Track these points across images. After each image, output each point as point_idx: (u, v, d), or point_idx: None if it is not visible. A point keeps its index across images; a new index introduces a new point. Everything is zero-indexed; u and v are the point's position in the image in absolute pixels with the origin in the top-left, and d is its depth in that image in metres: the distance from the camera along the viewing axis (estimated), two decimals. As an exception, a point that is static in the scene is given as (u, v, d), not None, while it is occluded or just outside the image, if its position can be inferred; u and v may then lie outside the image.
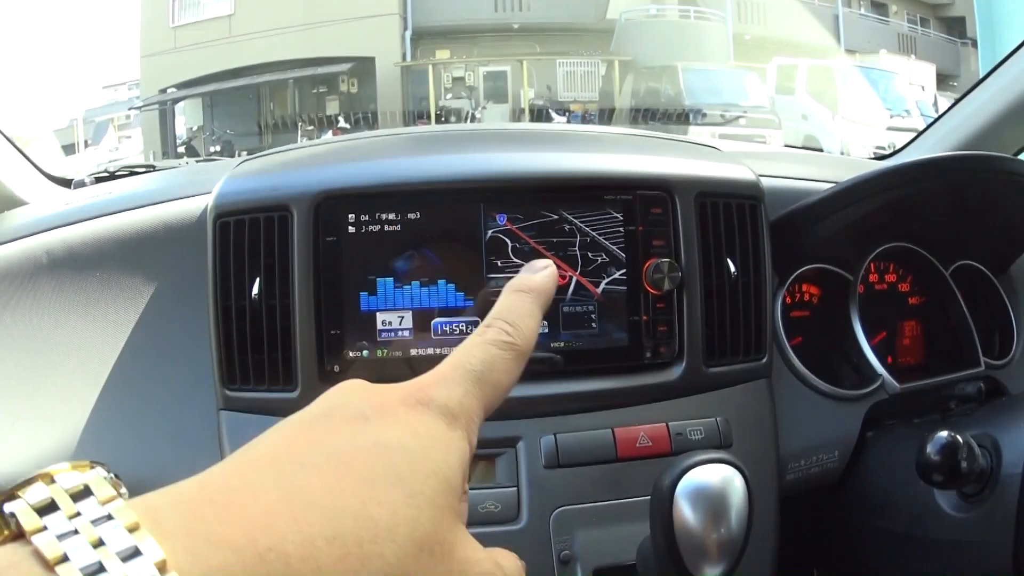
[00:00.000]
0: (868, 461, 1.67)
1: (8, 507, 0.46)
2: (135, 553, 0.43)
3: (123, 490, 0.49)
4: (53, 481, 0.48)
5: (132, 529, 0.44)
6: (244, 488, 0.50)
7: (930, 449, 1.29)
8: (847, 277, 1.76)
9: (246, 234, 1.48)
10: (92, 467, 0.50)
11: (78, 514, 0.46)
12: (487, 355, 0.69)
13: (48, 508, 0.46)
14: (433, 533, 0.55)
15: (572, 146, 1.85)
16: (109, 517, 0.45)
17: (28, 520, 0.44)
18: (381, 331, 1.47)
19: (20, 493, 0.46)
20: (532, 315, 0.73)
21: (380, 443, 0.57)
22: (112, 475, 0.50)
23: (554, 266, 0.77)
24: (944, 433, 1.29)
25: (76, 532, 0.44)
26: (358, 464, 0.54)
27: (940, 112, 2.46)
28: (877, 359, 1.71)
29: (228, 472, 0.53)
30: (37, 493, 0.47)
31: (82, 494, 0.47)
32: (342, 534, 0.49)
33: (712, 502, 1.04)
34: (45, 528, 0.44)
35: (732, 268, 1.55)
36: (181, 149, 22.82)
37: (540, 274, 0.76)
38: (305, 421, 0.59)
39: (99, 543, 0.44)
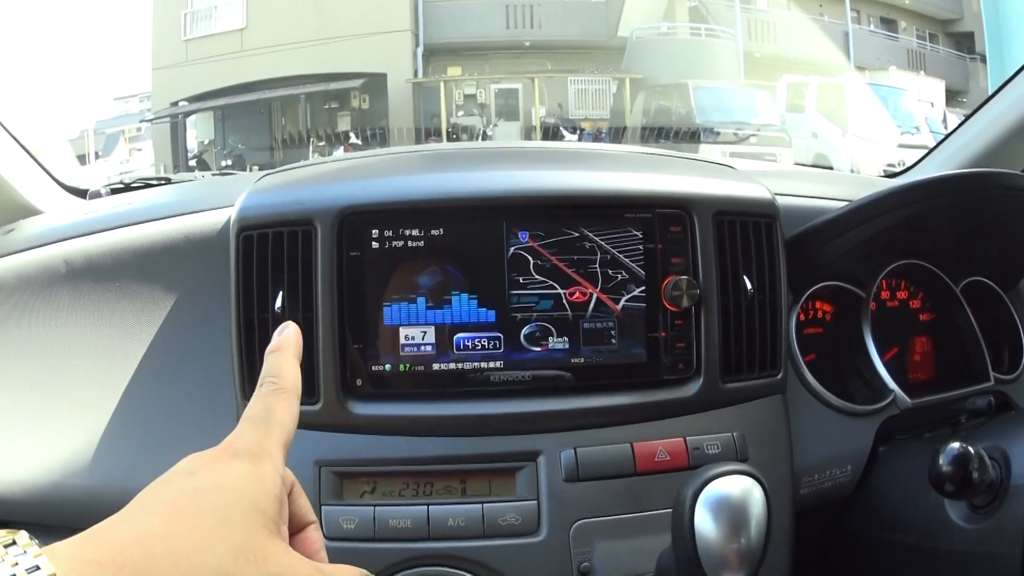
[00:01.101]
0: (880, 475, 1.68)
1: None
2: (36, 568, 0.62)
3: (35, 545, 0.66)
4: None
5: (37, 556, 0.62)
6: (109, 529, 0.69)
7: (942, 460, 1.31)
8: (859, 294, 1.78)
9: (270, 248, 1.49)
10: (18, 532, 0.67)
11: (15, 563, 0.63)
12: (265, 404, 0.84)
13: None
14: (247, 545, 0.70)
15: (592, 164, 1.87)
16: (36, 569, 0.62)
17: None
18: (404, 346, 1.49)
19: None
20: (289, 363, 0.89)
21: (199, 488, 0.73)
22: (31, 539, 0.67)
23: (293, 324, 0.93)
24: (956, 444, 1.31)
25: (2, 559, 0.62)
26: (183, 504, 0.71)
27: (950, 129, 2.47)
28: (889, 375, 1.73)
29: (103, 523, 0.70)
30: None
31: (11, 544, 0.65)
32: (174, 551, 0.66)
33: (733, 512, 1.06)
34: None
35: (748, 285, 1.57)
36: (192, 162, 22.74)
37: (285, 332, 0.92)
38: (151, 485, 0.76)
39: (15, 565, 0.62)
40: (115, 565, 0.65)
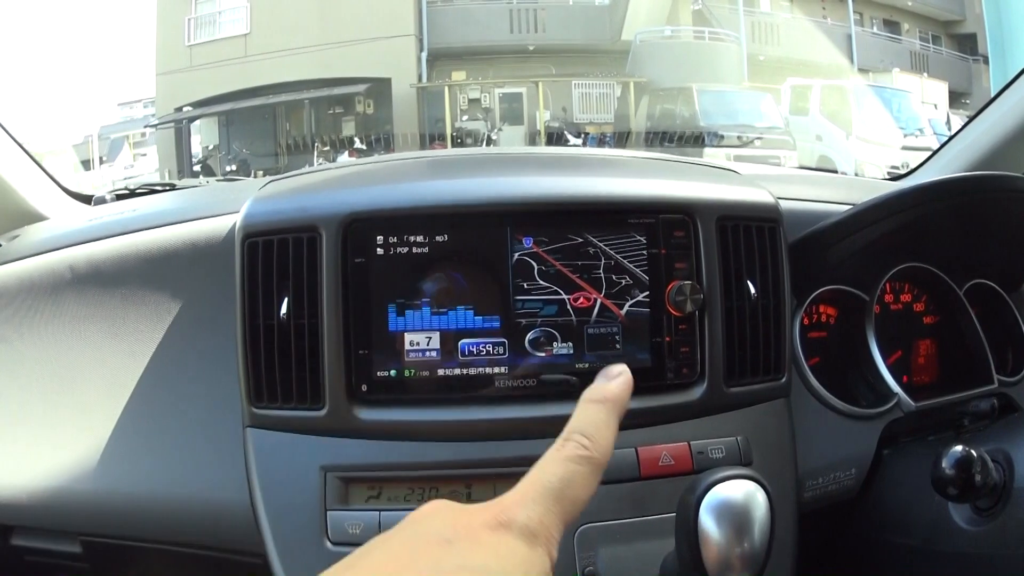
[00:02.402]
0: (884, 478, 1.69)
1: None
2: None
3: None
4: None
5: None
6: None
7: (945, 463, 1.31)
8: (863, 298, 1.78)
9: (275, 254, 1.50)
10: None
11: None
12: (566, 471, 0.73)
13: None
14: None
15: (596, 170, 1.88)
16: None
17: None
18: (409, 351, 1.49)
19: None
20: (608, 426, 0.77)
21: (463, 567, 0.61)
22: None
23: (629, 372, 0.80)
24: (959, 448, 1.32)
25: None
26: None
27: (953, 130, 2.48)
28: (893, 378, 1.73)
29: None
30: None
31: None
32: None
33: (736, 516, 1.06)
34: None
35: (752, 290, 1.57)
36: (197, 168, 22.76)
37: (615, 382, 0.79)
38: (391, 542, 0.63)
39: None
40: None
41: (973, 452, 1.32)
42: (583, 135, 20.84)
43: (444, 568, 0.61)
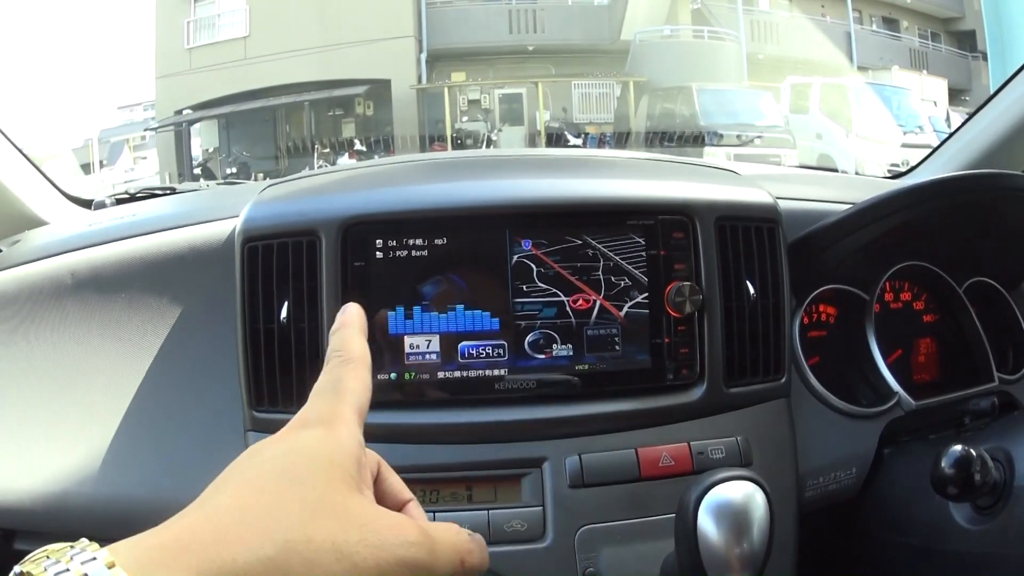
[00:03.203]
0: (885, 477, 1.69)
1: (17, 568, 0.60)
2: (92, 559, 0.60)
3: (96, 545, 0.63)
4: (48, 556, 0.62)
5: (110, 565, 0.59)
6: (177, 519, 0.66)
7: (944, 463, 1.31)
8: (863, 297, 1.78)
9: (274, 258, 1.50)
10: (80, 541, 0.64)
11: (71, 559, 0.61)
12: (333, 375, 0.83)
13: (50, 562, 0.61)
14: (324, 500, 0.68)
15: (595, 172, 1.88)
16: (93, 559, 0.60)
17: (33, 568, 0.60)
18: (409, 354, 1.49)
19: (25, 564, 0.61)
20: (354, 338, 0.87)
21: (268, 459, 0.72)
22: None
23: (355, 304, 0.91)
24: (958, 447, 1.32)
25: (68, 570, 0.59)
26: (254, 475, 0.70)
27: (953, 128, 2.48)
28: (893, 377, 1.73)
29: (171, 519, 0.67)
30: (38, 557, 0.62)
31: (70, 548, 0.62)
32: (245, 520, 0.64)
33: (735, 517, 1.06)
34: (46, 570, 0.59)
35: (751, 290, 1.57)
36: (197, 171, 22.77)
37: (347, 311, 0.90)
38: (227, 468, 0.73)
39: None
40: (179, 545, 0.62)
41: (972, 451, 1.32)
42: (583, 135, 20.84)
43: (255, 463, 0.71)
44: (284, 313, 1.48)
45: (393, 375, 1.49)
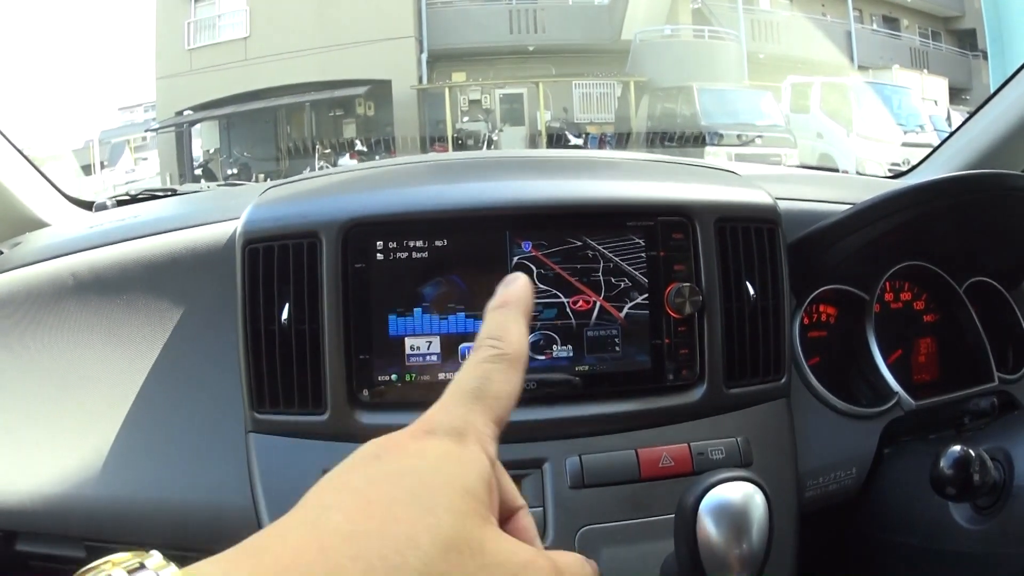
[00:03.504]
0: (885, 477, 1.69)
1: None
2: None
3: (173, 566, 0.58)
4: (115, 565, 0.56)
5: None
6: (274, 538, 0.55)
7: (943, 463, 1.32)
8: (863, 297, 1.79)
9: (275, 260, 1.50)
10: (148, 553, 0.60)
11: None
12: (481, 371, 0.70)
13: None
14: (457, 535, 0.57)
15: (594, 173, 1.88)
16: None
17: None
18: (409, 356, 1.50)
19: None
20: (516, 323, 0.73)
21: (392, 473, 0.60)
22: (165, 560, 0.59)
23: (526, 277, 0.78)
24: (957, 447, 1.32)
25: None
26: (374, 494, 0.58)
27: (953, 127, 2.48)
28: (893, 377, 1.73)
29: (262, 532, 0.56)
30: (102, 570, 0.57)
31: (138, 568, 0.58)
32: (364, 552, 0.53)
33: (734, 518, 1.07)
34: None
35: (751, 291, 1.57)
36: (198, 171, 22.78)
37: (514, 286, 0.76)
38: (330, 474, 0.62)
39: None
40: (284, 573, 0.52)
41: (971, 451, 1.32)
42: (584, 135, 20.84)
43: (374, 478, 0.60)
44: (285, 315, 1.48)
45: (394, 376, 1.50)
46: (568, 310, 1.52)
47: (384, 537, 0.54)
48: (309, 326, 1.48)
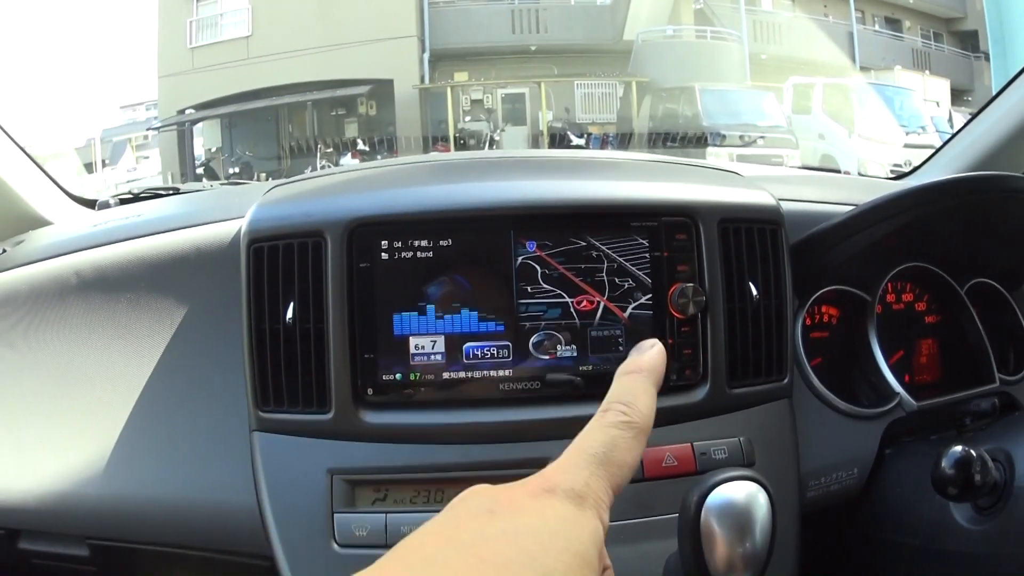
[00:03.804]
0: (886, 477, 1.69)
1: None
2: None
3: None
4: None
5: None
6: None
7: (945, 463, 1.32)
8: (865, 298, 1.79)
9: (280, 259, 1.51)
10: None
11: None
12: (607, 437, 0.72)
13: None
14: None
15: (598, 173, 1.88)
16: None
17: None
18: (414, 355, 1.50)
19: None
20: (647, 393, 0.78)
21: (508, 531, 0.61)
22: None
23: (661, 345, 0.82)
24: (958, 448, 1.32)
25: None
26: (488, 553, 0.58)
27: (955, 128, 2.48)
28: (895, 377, 1.73)
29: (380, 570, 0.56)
30: None
31: None
32: None
33: (738, 517, 1.07)
34: None
35: (754, 292, 1.58)
36: (200, 170, 22.74)
37: (648, 353, 0.80)
38: (433, 524, 0.63)
39: None
40: None
41: (972, 452, 1.32)
42: (586, 135, 20.82)
43: (489, 535, 0.61)
44: (290, 314, 1.49)
45: (398, 376, 1.50)
46: (572, 310, 1.52)
47: None
48: (314, 325, 1.49)
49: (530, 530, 0.61)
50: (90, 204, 2.30)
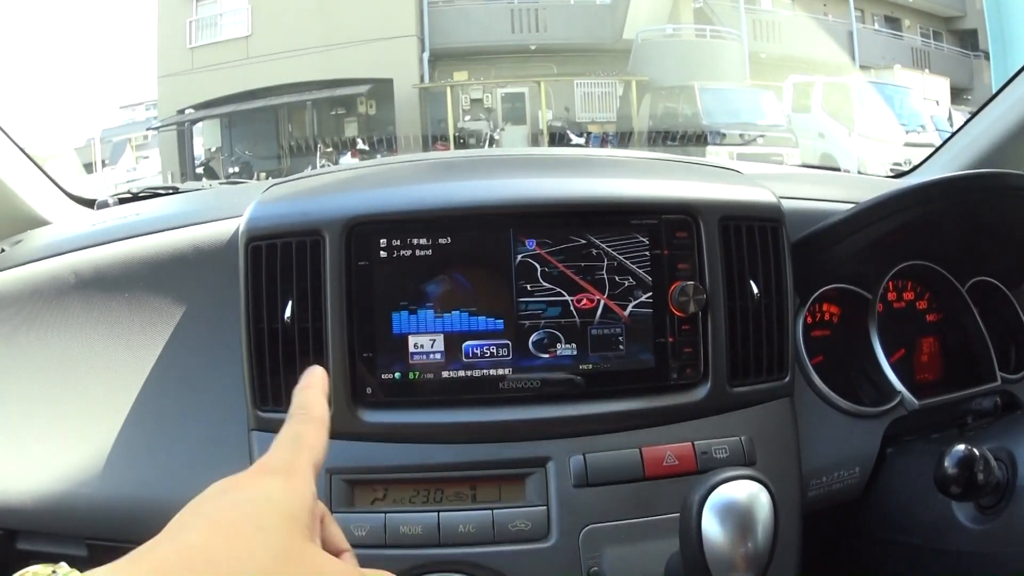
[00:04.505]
0: (888, 476, 1.69)
1: None
2: None
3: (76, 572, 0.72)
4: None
5: None
6: (146, 550, 0.69)
7: (948, 462, 1.32)
8: (866, 296, 1.79)
9: (278, 258, 1.50)
10: (59, 564, 0.74)
11: None
12: (295, 430, 0.88)
13: None
14: (285, 548, 0.71)
15: (598, 171, 1.87)
16: None
17: None
18: (413, 354, 1.50)
19: None
20: (317, 398, 0.92)
21: (236, 502, 0.75)
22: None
23: (320, 368, 0.96)
24: (961, 447, 1.32)
25: None
26: (221, 518, 0.72)
27: (955, 127, 2.48)
28: (896, 376, 1.73)
29: (142, 546, 0.70)
30: None
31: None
32: (216, 561, 0.66)
33: (740, 517, 1.07)
34: None
35: (755, 290, 1.57)
36: (199, 170, 22.75)
37: (312, 374, 0.95)
38: (189, 504, 0.76)
39: None
40: None
41: (975, 451, 1.32)
42: (586, 134, 20.83)
43: (221, 505, 0.74)
44: (288, 313, 1.49)
45: (397, 375, 1.50)
46: (572, 308, 1.52)
47: (229, 550, 0.68)
48: (312, 324, 1.49)
49: (251, 499, 0.75)
50: (89, 204, 2.30)
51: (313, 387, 0.93)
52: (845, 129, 17.00)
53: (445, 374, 1.51)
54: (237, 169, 21.88)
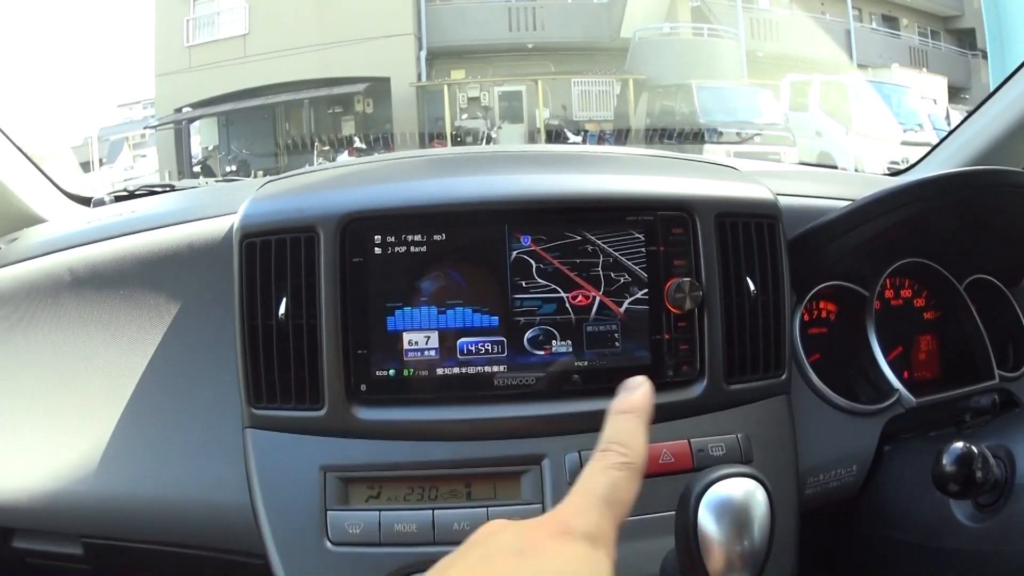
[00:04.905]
0: (885, 474, 1.68)
1: None
2: None
3: None
4: None
5: None
6: None
7: (946, 460, 1.31)
8: (863, 293, 1.78)
9: (272, 254, 1.50)
10: None
11: None
12: (610, 479, 0.78)
13: None
14: None
15: (594, 167, 1.87)
16: None
17: None
18: (407, 351, 1.49)
19: None
20: (639, 431, 0.83)
21: (537, 572, 0.67)
22: None
23: (648, 382, 0.87)
24: (959, 444, 1.32)
25: None
26: None
27: (952, 125, 2.47)
28: (894, 374, 1.73)
29: None
30: None
31: None
32: None
33: (736, 514, 1.06)
34: None
35: (751, 287, 1.57)
36: (197, 168, 22.75)
37: (638, 392, 0.86)
38: (465, 559, 0.68)
39: None
40: None
41: (974, 448, 1.32)
42: (583, 132, 20.84)
43: (521, 575, 0.67)
44: (282, 309, 1.48)
45: (392, 372, 1.49)
46: (567, 305, 1.51)
47: None
48: (307, 321, 1.48)
49: (556, 571, 0.67)
50: (85, 201, 2.30)
51: (637, 413, 0.85)
52: (842, 128, 17.01)
53: (440, 371, 1.50)
54: (234, 167, 21.88)
